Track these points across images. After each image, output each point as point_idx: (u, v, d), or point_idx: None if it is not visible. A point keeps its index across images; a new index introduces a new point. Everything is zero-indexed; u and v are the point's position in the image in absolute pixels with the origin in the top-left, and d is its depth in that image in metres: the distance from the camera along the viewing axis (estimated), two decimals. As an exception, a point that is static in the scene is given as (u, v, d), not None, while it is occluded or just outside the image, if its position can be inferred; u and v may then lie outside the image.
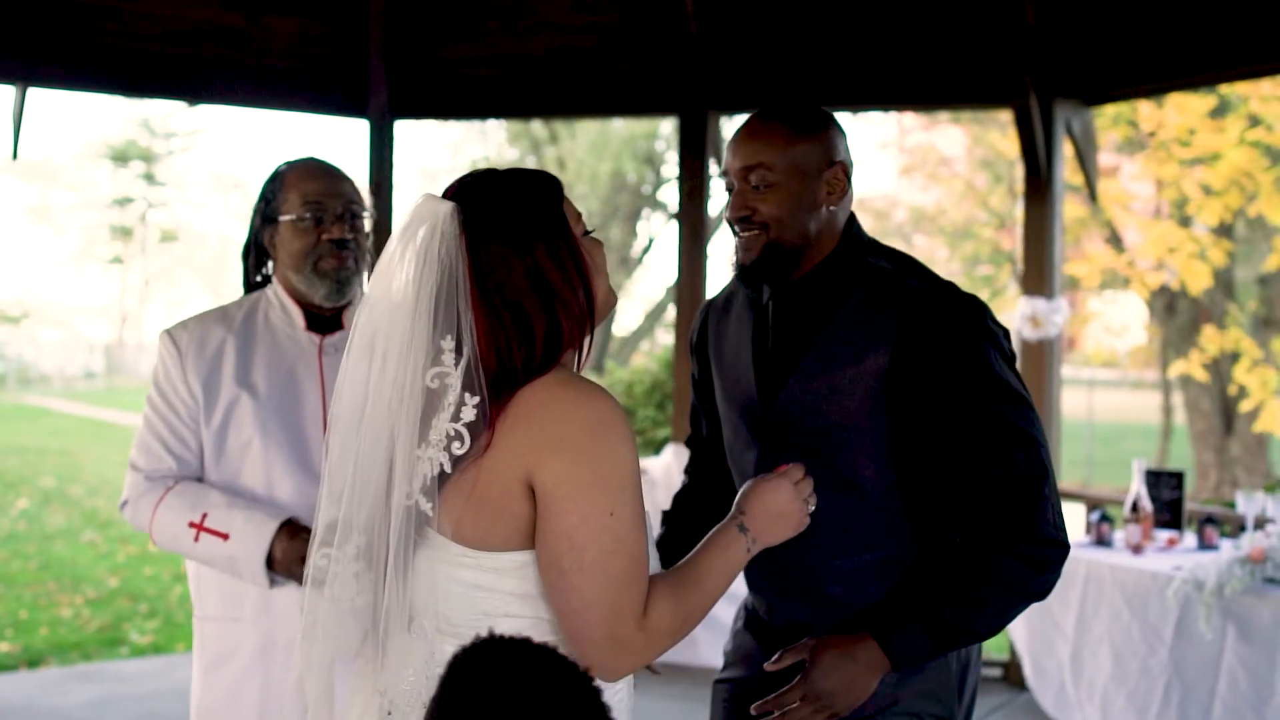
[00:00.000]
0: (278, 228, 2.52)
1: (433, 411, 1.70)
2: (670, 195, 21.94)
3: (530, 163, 21.24)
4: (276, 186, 2.53)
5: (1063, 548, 1.99)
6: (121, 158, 32.20)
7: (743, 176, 2.06)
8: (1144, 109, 9.99)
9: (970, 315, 2.00)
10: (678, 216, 6.08)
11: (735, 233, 2.09)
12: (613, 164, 19.83)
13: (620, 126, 19.34)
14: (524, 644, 1.25)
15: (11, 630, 7.58)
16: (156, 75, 5.63)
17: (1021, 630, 4.95)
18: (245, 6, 5.72)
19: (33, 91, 5.51)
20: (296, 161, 2.56)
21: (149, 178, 32.52)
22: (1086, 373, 18.81)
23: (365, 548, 1.75)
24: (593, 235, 1.86)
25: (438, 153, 21.11)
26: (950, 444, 1.98)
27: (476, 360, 1.69)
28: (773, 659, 2.00)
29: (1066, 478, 14.99)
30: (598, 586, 1.66)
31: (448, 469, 1.69)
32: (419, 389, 1.71)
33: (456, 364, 1.70)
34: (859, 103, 6.06)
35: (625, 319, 21.43)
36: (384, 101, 5.87)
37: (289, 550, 2.33)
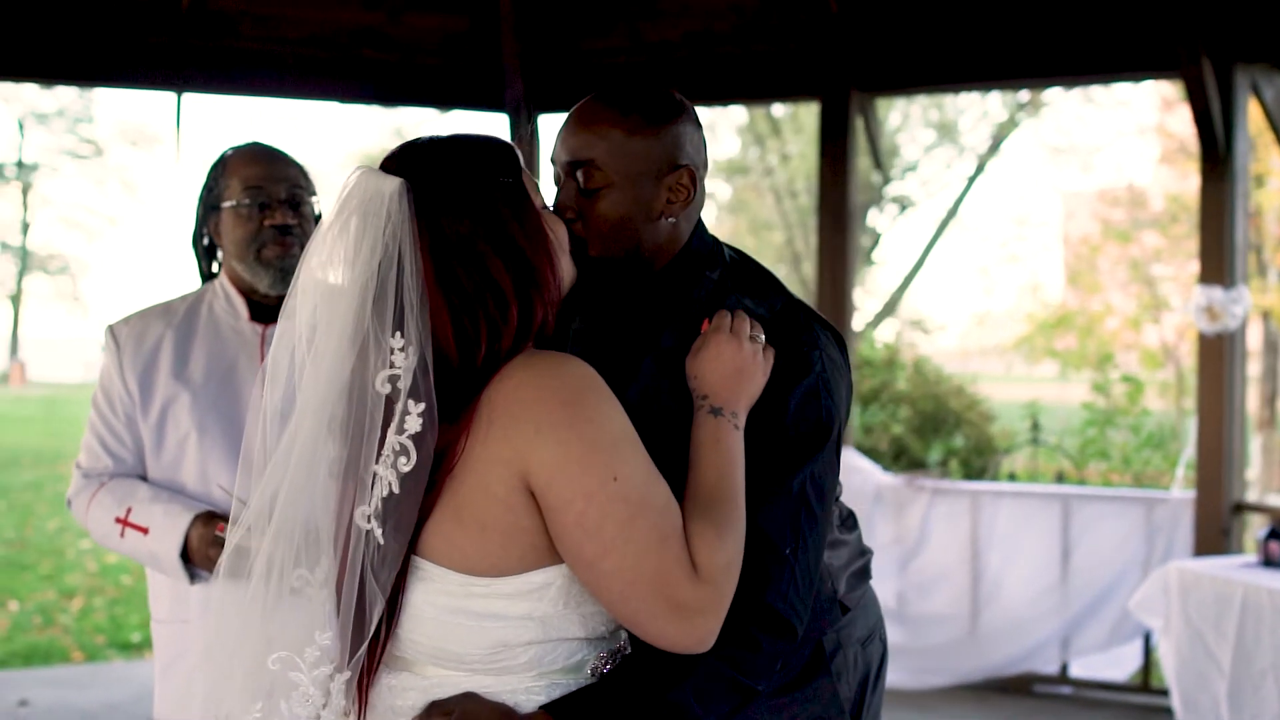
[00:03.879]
0: (220, 215, 2.44)
1: (389, 420, 1.53)
2: (905, 189, 21.28)
3: (754, 156, 20.99)
4: (218, 173, 2.46)
5: (786, 629, 1.62)
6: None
7: (568, 172, 1.76)
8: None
9: (805, 360, 1.71)
10: (819, 203, 5.77)
11: None
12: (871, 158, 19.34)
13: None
14: None
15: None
16: (301, 77, 5.76)
17: (1171, 660, 4.43)
18: (386, 6, 5.78)
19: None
20: (240, 146, 2.48)
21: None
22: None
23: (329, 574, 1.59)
24: (551, 209, 1.69)
25: (661, 150, 21.00)
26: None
27: (425, 361, 1.52)
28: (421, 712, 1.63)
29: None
30: (632, 561, 1.48)
31: (395, 489, 1.51)
32: (367, 394, 1.53)
33: (408, 366, 1.52)
34: (1011, 77, 5.60)
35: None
36: (519, 95, 5.81)
37: (203, 537, 2.25)
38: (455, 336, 1.53)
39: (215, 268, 2.55)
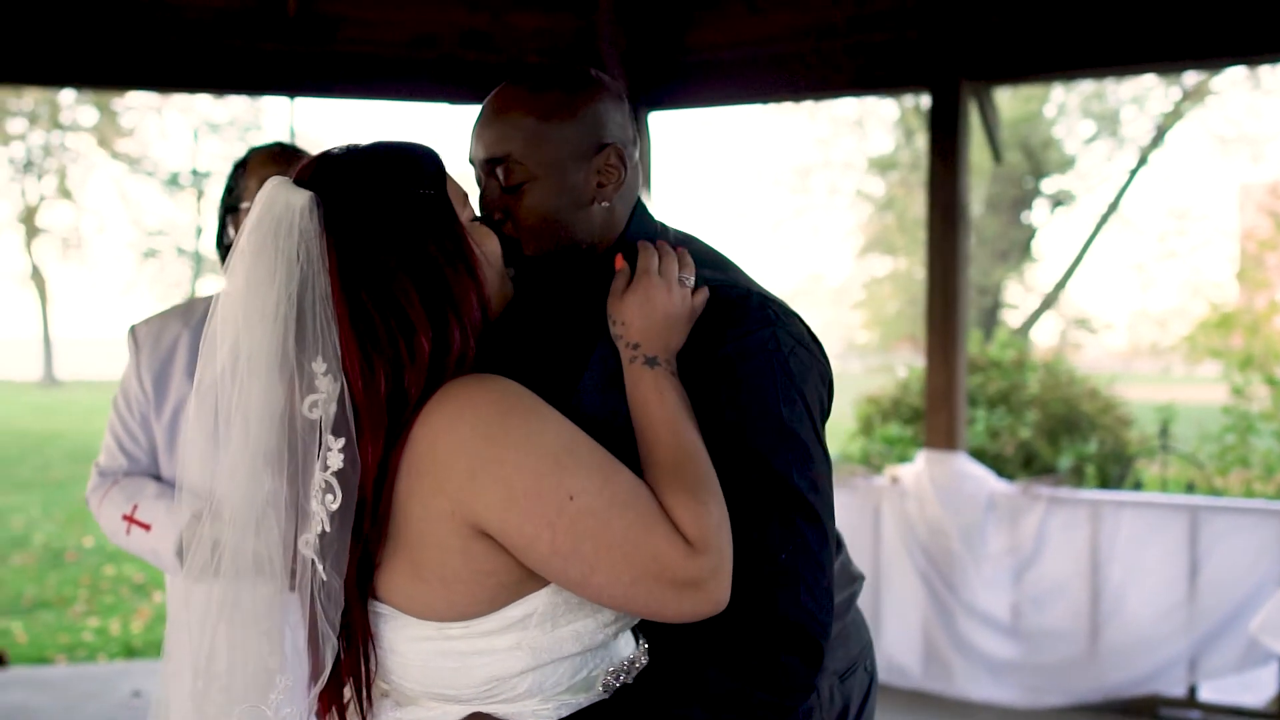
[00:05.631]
0: (240, 216, 2.45)
1: (322, 450, 1.44)
2: (1063, 183, 20.55)
3: (905, 156, 20.52)
4: (239, 174, 2.47)
5: (804, 637, 1.50)
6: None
7: (487, 171, 1.65)
8: None
9: (759, 341, 1.56)
10: (929, 199, 5.52)
11: None
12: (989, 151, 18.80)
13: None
14: None
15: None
16: (406, 79, 5.80)
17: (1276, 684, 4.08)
18: (489, 6, 5.78)
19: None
20: (260, 147, 2.49)
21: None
22: None
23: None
24: (480, 220, 1.58)
25: (808, 150, 20.81)
26: None
27: (344, 392, 1.42)
28: None
29: None
30: (623, 564, 1.40)
31: (327, 527, 1.43)
32: (298, 420, 1.44)
33: (331, 393, 1.43)
34: (1140, 62, 5.21)
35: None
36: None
37: None
38: (361, 369, 1.42)
39: None
